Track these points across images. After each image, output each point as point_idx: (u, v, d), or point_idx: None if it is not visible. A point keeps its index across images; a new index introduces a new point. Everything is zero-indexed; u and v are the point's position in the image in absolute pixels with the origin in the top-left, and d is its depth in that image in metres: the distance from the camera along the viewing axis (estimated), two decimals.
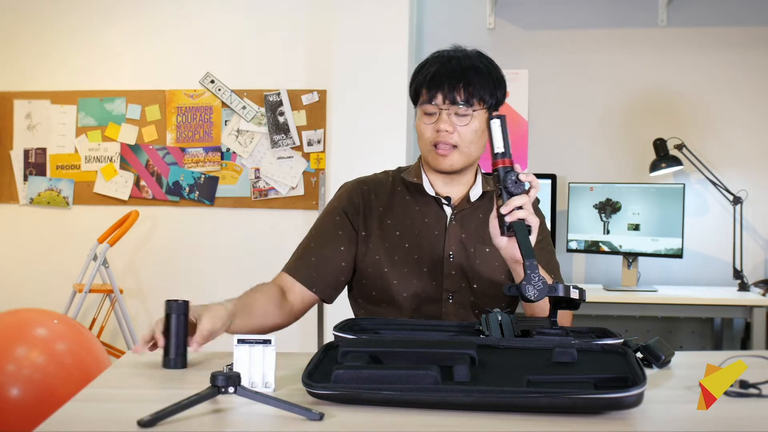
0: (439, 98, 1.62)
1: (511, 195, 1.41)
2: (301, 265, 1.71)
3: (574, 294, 1.35)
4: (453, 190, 1.71)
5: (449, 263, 1.67)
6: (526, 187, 1.42)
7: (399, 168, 1.83)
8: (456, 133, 1.62)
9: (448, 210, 1.71)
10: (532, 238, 1.41)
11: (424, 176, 1.73)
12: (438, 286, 1.67)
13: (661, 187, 3.70)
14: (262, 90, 4.17)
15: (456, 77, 1.62)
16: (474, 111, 1.63)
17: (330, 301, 1.74)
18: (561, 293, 1.34)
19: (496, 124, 1.42)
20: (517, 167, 1.43)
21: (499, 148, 1.42)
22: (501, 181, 1.42)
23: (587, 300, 1.44)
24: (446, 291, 1.67)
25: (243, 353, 1.25)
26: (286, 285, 1.71)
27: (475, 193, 1.73)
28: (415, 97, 1.70)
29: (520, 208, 1.40)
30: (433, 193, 1.71)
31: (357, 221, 1.72)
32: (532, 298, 1.33)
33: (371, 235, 1.71)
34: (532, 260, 1.34)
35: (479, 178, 1.75)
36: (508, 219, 1.40)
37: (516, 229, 1.39)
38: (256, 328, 1.58)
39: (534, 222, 1.42)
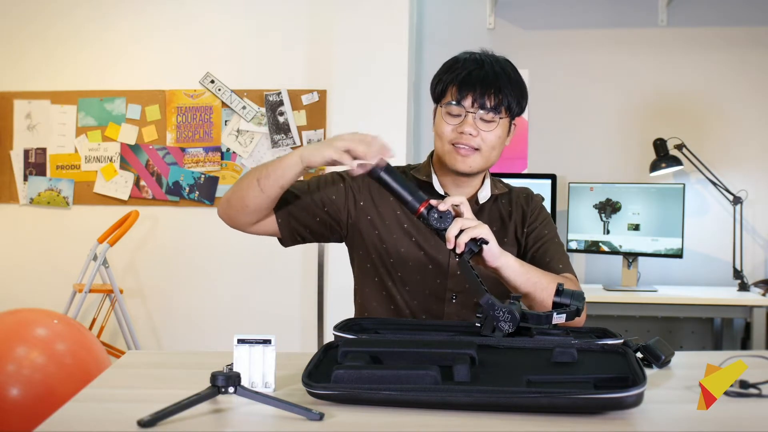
0: (469, 101, 1.60)
1: (445, 230, 1.43)
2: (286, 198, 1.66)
3: (558, 319, 1.36)
4: (461, 191, 1.70)
5: (454, 263, 1.67)
6: (452, 215, 1.44)
7: (409, 165, 1.82)
8: (479, 138, 1.61)
9: None
10: (492, 243, 1.45)
11: (433, 175, 1.72)
12: (442, 285, 1.67)
13: (661, 187, 3.70)
14: (262, 90, 4.17)
15: (488, 83, 1.61)
16: (500, 119, 1.62)
17: (284, 237, 1.69)
18: (533, 322, 1.36)
19: (385, 176, 1.47)
20: (432, 202, 1.46)
21: (406, 198, 1.46)
22: (428, 224, 1.45)
23: (587, 300, 1.44)
24: (450, 291, 1.67)
25: (243, 353, 1.25)
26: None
27: (484, 195, 1.73)
28: (441, 94, 1.67)
29: (459, 234, 1.42)
30: (442, 192, 1.70)
31: (360, 196, 1.70)
32: (509, 330, 1.34)
33: (380, 221, 1.70)
34: (486, 297, 1.36)
35: (488, 180, 1.74)
36: (458, 250, 1.43)
37: (462, 269, 1.43)
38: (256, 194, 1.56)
39: (483, 233, 1.43)
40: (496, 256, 1.47)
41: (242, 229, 1.67)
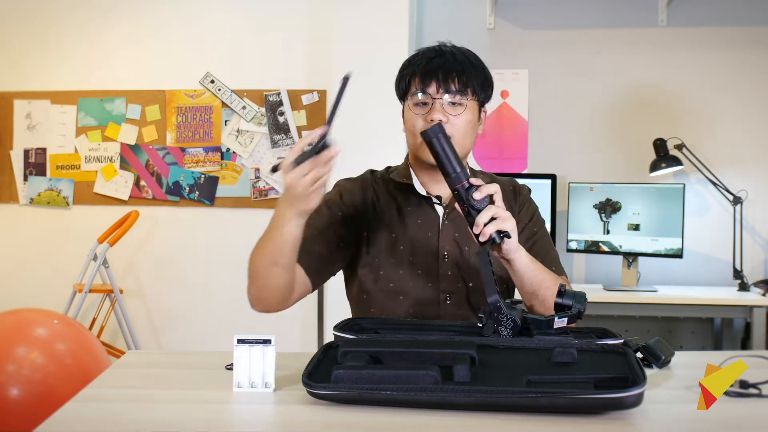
0: (433, 87, 1.60)
1: (478, 212, 1.42)
2: (303, 253, 1.62)
3: (560, 323, 1.35)
4: (443, 188, 1.62)
5: (444, 264, 1.65)
6: (487, 200, 1.43)
7: (388, 168, 1.80)
8: (449, 124, 1.58)
9: (440, 210, 1.69)
10: (514, 237, 1.44)
11: (413, 176, 1.70)
12: (434, 287, 1.65)
13: (661, 187, 3.70)
14: (262, 90, 4.17)
15: (450, 66, 1.60)
16: (468, 100, 1.61)
17: (315, 287, 1.69)
18: (533, 325, 1.35)
19: (437, 143, 1.45)
20: (473, 180, 1.44)
21: (451, 169, 1.44)
22: (464, 201, 1.44)
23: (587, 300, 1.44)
24: (443, 292, 1.65)
25: (243, 353, 1.25)
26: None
27: None
28: (405, 89, 1.67)
29: (492, 219, 1.41)
30: (424, 193, 1.68)
31: (356, 221, 1.70)
32: (507, 336, 1.34)
33: (370, 239, 1.69)
34: (494, 298, 1.35)
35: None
36: (482, 239, 1.42)
37: (480, 259, 1.40)
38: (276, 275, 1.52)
39: (510, 227, 1.43)
40: (512, 249, 1.47)
41: (283, 308, 1.64)
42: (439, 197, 1.69)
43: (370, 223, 1.69)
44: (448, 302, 1.65)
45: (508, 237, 1.43)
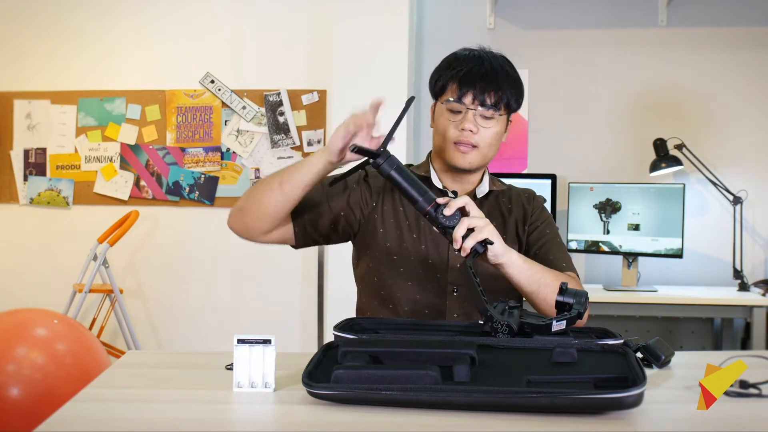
0: (469, 98, 1.63)
1: (452, 228, 1.43)
2: (303, 209, 1.67)
3: (558, 326, 1.35)
4: (460, 187, 1.73)
5: (454, 256, 1.68)
6: (459, 214, 1.44)
7: (410, 165, 1.83)
8: (478, 135, 1.63)
9: None
10: (498, 243, 1.45)
11: (432, 171, 1.75)
12: (443, 278, 1.68)
13: (661, 187, 3.70)
14: (262, 90, 4.17)
15: (488, 80, 1.63)
16: (499, 115, 1.65)
17: (296, 244, 1.70)
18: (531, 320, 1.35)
19: (395, 174, 1.47)
20: (440, 200, 1.45)
21: (415, 197, 1.46)
22: (436, 222, 1.45)
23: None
24: (451, 284, 1.68)
25: (243, 353, 1.25)
26: None
27: (482, 191, 1.75)
28: (440, 91, 1.69)
29: (470, 231, 1.42)
30: (440, 186, 1.73)
31: (370, 205, 1.72)
32: (514, 330, 1.34)
33: (385, 220, 1.72)
34: (483, 309, 1.36)
35: (486, 177, 1.76)
36: (463, 254, 1.44)
37: (466, 274, 1.42)
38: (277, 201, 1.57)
39: (489, 233, 1.44)
40: (499, 254, 1.47)
41: (254, 239, 1.65)
42: (455, 192, 1.72)
43: (386, 208, 1.72)
44: (455, 294, 1.68)
45: (490, 243, 1.44)
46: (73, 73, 4.28)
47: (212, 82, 4.19)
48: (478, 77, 1.62)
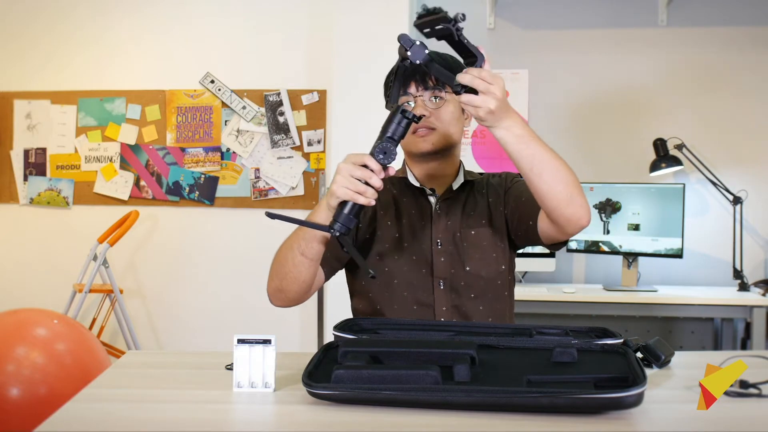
0: (413, 87, 1.70)
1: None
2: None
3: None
4: (436, 183, 1.78)
5: (438, 250, 1.72)
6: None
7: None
8: (433, 117, 1.69)
9: (432, 200, 1.78)
10: (489, 104, 1.48)
11: (408, 172, 1.80)
12: (428, 273, 1.72)
13: (661, 187, 3.70)
14: (262, 90, 4.17)
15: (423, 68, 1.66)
16: (447, 93, 1.70)
17: (327, 278, 1.75)
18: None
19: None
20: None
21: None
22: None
23: (587, 300, 1.43)
24: (437, 278, 1.71)
25: (243, 353, 1.25)
26: None
27: (457, 182, 1.79)
28: (395, 100, 1.72)
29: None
30: (417, 185, 1.78)
31: (369, 218, 1.77)
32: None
33: (376, 231, 1.76)
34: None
35: (461, 171, 1.82)
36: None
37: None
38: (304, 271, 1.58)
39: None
40: (494, 120, 1.53)
41: (301, 302, 1.67)
42: (432, 189, 1.78)
43: (377, 216, 1.78)
44: (441, 287, 1.71)
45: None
46: (73, 73, 4.28)
47: (212, 82, 4.19)
48: (413, 69, 1.64)
